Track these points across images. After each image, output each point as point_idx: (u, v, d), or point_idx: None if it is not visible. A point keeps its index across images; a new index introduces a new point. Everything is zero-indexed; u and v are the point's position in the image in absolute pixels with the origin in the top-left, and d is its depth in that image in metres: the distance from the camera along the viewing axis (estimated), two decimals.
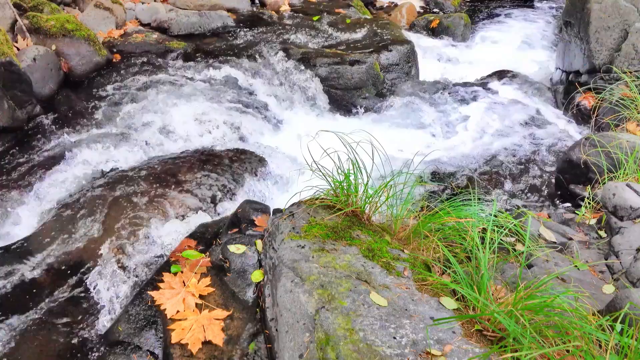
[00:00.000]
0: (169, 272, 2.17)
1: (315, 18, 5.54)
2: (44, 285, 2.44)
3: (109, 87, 3.99)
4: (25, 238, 2.76)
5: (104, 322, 2.30)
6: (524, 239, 1.86)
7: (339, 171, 2.03)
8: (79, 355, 2.13)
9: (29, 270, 2.51)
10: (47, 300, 2.37)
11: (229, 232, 2.40)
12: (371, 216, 2.07)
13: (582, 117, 4.07)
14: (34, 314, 2.29)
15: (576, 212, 2.63)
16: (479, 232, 1.85)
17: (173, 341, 1.88)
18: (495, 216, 1.87)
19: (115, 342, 1.95)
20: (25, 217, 2.94)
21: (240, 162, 3.42)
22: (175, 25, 4.95)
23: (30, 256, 2.59)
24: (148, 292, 2.09)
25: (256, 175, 3.37)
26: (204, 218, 2.94)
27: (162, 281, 2.11)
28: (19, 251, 2.62)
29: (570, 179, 3.07)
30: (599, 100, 3.71)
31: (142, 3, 5.25)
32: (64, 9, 4.78)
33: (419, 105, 4.46)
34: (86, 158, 3.36)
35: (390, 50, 4.68)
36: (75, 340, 2.19)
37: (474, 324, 1.56)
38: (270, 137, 3.95)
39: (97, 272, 2.52)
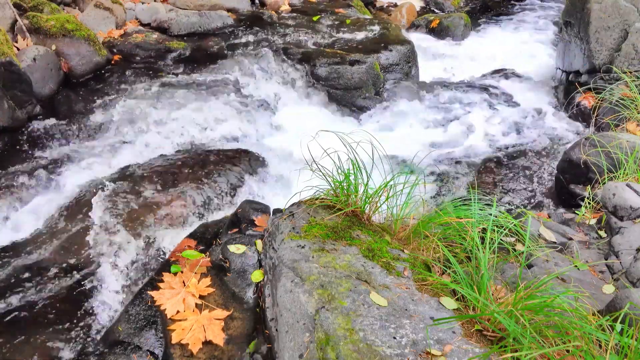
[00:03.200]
0: (169, 272, 2.17)
1: (315, 18, 5.54)
2: (44, 285, 2.44)
3: (109, 87, 3.99)
4: (25, 238, 2.76)
5: (104, 322, 2.30)
6: (524, 239, 1.86)
7: (339, 171, 2.03)
8: (79, 355, 2.13)
9: (29, 270, 2.51)
10: (47, 300, 2.37)
11: (229, 232, 2.40)
12: (371, 216, 2.07)
13: (582, 117, 4.07)
14: (34, 313, 2.29)
15: (576, 212, 2.63)
16: (479, 232, 1.85)
17: (173, 341, 1.88)
18: (495, 216, 1.87)
19: (115, 342, 1.95)
20: (26, 217, 2.94)
21: (240, 162, 3.42)
22: (175, 25, 4.95)
23: (30, 256, 2.59)
24: (148, 292, 2.09)
25: (256, 175, 3.37)
26: (204, 218, 2.94)
27: (162, 281, 2.11)
28: (19, 251, 2.62)
29: (570, 179, 3.07)
30: (599, 100, 3.71)
31: (142, 3, 5.25)
32: (64, 9, 4.78)
33: (419, 105, 4.46)
34: (86, 158, 3.36)
35: (390, 50, 4.68)
36: (75, 340, 2.19)
37: (474, 324, 1.56)
38: (270, 137, 3.95)
39: (97, 272, 2.52)
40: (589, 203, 2.60)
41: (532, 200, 3.36)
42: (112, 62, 4.28)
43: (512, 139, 4.03)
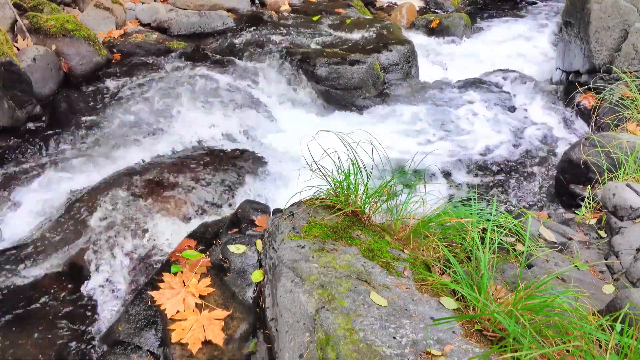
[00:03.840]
0: (169, 272, 2.17)
1: (315, 18, 5.54)
2: (45, 286, 2.44)
3: (109, 87, 3.99)
4: (25, 238, 2.76)
5: (104, 322, 2.30)
6: (524, 239, 1.86)
7: (339, 171, 2.03)
8: (79, 355, 2.13)
9: (29, 270, 2.51)
10: (47, 300, 2.37)
11: (229, 232, 2.40)
12: (371, 216, 2.07)
13: (582, 117, 4.07)
14: (34, 314, 2.29)
15: (576, 212, 2.63)
16: (479, 232, 1.85)
17: (173, 341, 1.88)
18: (495, 216, 1.87)
19: (115, 342, 1.95)
20: (26, 217, 2.94)
21: (240, 162, 3.42)
22: (175, 25, 4.95)
23: (30, 256, 2.59)
24: (148, 292, 2.09)
25: (256, 175, 3.37)
26: (204, 218, 2.94)
27: (162, 281, 2.11)
28: (19, 251, 2.62)
29: (570, 179, 3.07)
30: (599, 100, 3.71)
31: (142, 3, 5.25)
32: (64, 9, 4.78)
33: (419, 105, 4.45)
34: (85, 158, 3.36)
35: (390, 50, 4.68)
36: (75, 340, 2.19)
37: (474, 324, 1.56)
38: (270, 137, 3.95)
39: (97, 272, 2.52)
40: (589, 203, 2.60)
41: (532, 200, 3.36)
42: (112, 62, 4.28)
43: (512, 139, 4.03)
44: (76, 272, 2.52)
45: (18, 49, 3.70)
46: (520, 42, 6.05)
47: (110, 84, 4.02)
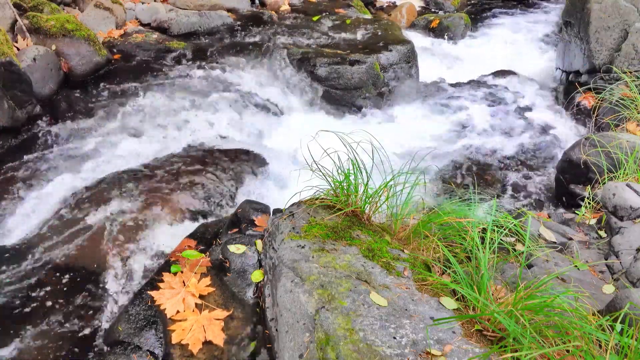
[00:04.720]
0: (169, 272, 2.17)
1: (315, 18, 5.54)
2: (44, 285, 2.44)
3: (109, 87, 3.99)
4: (25, 238, 2.76)
5: (104, 322, 2.30)
6: (524, 239, 1.86)
7: (339, 171, 2.03)
8: (79, 355, 2.13)
9: (30, 270, 2.51)
10: (47, 300, 2.37)
11: (229, 232, 2.40)
12: (371, 216, 2.07)
13: (582, 117, 4.07)
14: (34, 313, 2.29)
15: (576, 212, 2.63)
16: (479, 232, 1.85)
17: (173, 341, 1.88)
18: (495, 216, 1.87)
19: (115, 342, 1.95)
20: (26, 217, 2.94)
21: (240, 162, 3.42)
22: (175, 25, 4.95)
23: (30, 256, 2.59)
24: (148, 292, 2.09)
25: (256, 175, 3.37)
26: (204, 218, 2.94)
27: (162, 281, 2.11)
28: (20, 251, 2.62)
29: (570, 179, 3.07)
30: (599, 100, 3.71)
31: (142, 3, 5.25)
32: (64, 9, 4.78)
33: (419, 105, 4.46)
34: (85, 159, 3.36)
35: (390, 50, 4.68)
36: (75, 340, 2.19)
37: (474, 324, 1.56)
38: (270, 137, 3.95)
39: (97, 272, 2.52)
40: (589, 203, 2.60)
41: (532, 200, 3.36)
42: (112, 62, 4.28)
43: (512, 139, 4.03)
44: (76, 272, 2.52)
45: (18, 49, 3.70)
46: (520, 42, 6.05)
47: (110, 84, 4.02)
